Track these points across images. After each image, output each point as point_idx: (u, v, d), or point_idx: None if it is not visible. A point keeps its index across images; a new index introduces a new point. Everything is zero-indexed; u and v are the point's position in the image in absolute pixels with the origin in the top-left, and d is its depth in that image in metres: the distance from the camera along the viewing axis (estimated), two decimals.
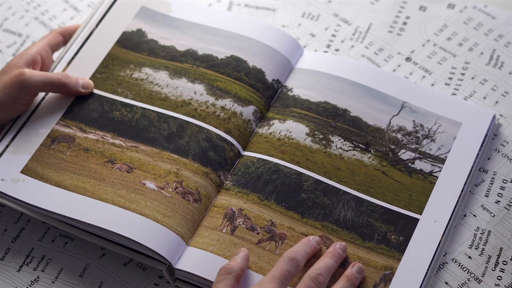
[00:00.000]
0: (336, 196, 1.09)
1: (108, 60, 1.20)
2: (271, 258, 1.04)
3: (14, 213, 1.12)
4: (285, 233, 1.06)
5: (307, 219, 1.07)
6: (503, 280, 1.06)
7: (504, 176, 1.13)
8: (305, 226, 1.07)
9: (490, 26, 1.26)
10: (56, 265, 1.08)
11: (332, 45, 1.26)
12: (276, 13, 1.30)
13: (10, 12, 1.31)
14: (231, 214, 1.08)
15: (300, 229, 1.07)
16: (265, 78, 1.19)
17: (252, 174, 1.11)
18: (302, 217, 1.08)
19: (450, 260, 1.07)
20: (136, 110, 1.15)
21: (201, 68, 1.20)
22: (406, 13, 1.28)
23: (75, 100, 1.16)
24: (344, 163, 1.12)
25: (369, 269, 1.04)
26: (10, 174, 1.09)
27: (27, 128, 1.13)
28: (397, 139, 1.14)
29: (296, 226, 1.07)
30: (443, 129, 1.14)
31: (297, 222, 1.07)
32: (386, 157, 1.13)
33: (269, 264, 1.04)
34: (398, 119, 1.15)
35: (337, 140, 1.14)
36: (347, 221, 1.07)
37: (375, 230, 1.07)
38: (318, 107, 1.16)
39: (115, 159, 1.11)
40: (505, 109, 1.19)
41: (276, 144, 1.13)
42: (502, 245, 1.08)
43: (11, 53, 1.27)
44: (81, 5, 1.32)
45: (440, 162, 1.12)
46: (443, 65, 1.24)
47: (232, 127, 1.14)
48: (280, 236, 1.06)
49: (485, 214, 1.10)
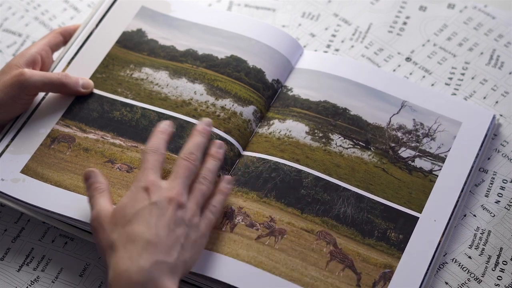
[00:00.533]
0: (336, 193, 1.09)
1: (108, 60, 1.20)
2: (271, 252, 1.04)
3: (14, 213, 1.12)
4: (284, 228, 1.06)
5: (306, 215, 1.07)
6: (503, 280, 1.06)
7: (504, 176, 1.13)
8: (304, 222, 1.07)
9: (490, 26, 1.26)
10: (56, 265, 1.08)
11: (332, 45, 1.27)
12: (276, 13, 1.30)
13: (10, 12, 1.31)
14: (230, 213, 1.08)
15: (299, 224, 1.07)
16: (265, 78, 1.19)
17: (251, 173, 1.11)
18: (302, 213, 1.08)
19: (450, 260, 1.07)
20: (136, 110, 1.15)
21: (201, 68, 1.20)
22: (406, 13, 1.28)
23: (75, 100, 1.16)
24: (344, 160, 1.12)
25: (369, 266, 1.04)
26: (10, 174, 1.09)
27: (27, 128, 1.13)
28: (397, 137, 1.14)
29: (296, 222, 1.07)
30: (443, 128, 1.14)
31: (296, 217, 1.07)
32: (386, 155, 1.13)
33: (269, 259, 1.04)
34: (398, 117, 1.15)
35: (337, 138, 1.14)
36: (347, 217, 1.08)
37: (375, 227, 1.07)
38: (318, 106, 1.16)
39: (115, 159, 1.11)
40: (505, 109, 1.19)
41: (276, 144, 1.13)
42: (502, 245, 1.08)
43: (11, 53, 1.27)
44: (81, 5, 1.32)
45: (440, 161, 1.12)
46: (443, 65, 1.24)
47: (232, 127, 1.14)
48: (280, 231, 1.06)
49: (485, 214, 1.10)
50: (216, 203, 1.04)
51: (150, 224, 0.97)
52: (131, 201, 0.99)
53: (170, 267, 0.96)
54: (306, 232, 1.06)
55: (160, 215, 0.98)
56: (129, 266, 0.94)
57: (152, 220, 0.97)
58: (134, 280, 0.93)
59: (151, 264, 0.94)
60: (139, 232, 0.96)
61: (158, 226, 0.97)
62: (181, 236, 0.98)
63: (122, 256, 0.95)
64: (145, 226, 0.97)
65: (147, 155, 1.03)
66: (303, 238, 1.06)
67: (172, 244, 0.97)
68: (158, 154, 1.04)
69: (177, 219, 0.98)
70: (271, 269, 1.03)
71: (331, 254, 1.05)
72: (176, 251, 0.97)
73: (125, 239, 0.96)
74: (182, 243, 0.98)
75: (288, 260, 1.04)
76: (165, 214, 0.98)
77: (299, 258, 1.05)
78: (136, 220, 0.97)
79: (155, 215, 0.98)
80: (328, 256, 1.05)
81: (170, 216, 0.98)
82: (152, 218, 0.97)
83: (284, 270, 1.03)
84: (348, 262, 1.04)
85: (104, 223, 0.99)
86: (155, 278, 0.94)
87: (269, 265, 1.04)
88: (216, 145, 1.08)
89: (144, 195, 0.99)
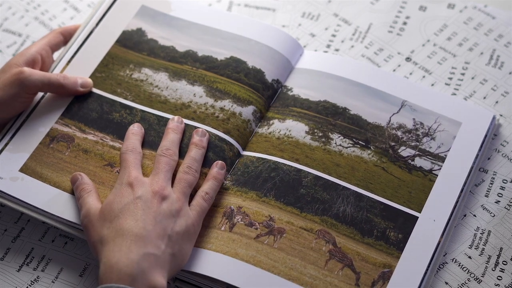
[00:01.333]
0: (335, 191, 1.09)
1: (108, 59, 1.20)
2: (270, 251, 1.04)
3: (14, 213, 1.12)
4: (284, 228, 1.06)
5: (306, 214, 1.07)
6: (503, 280, 1.06)
7: (504, 176, 1.13)
8: (304, 221, 1.07)
9: (490, 26, 1.26)
10: (56, 265, 1.08)
11: (332, 45, 1.27)
12: (276, 13, 1.30)
13: (10, 12, 1.31)
14: (229, 212, 1.08)
15: (299, 223, 1.07)
16: (264, 78, 1.19)
17: (251, 173, 1.11)
18: (301, 212, 1.08)
19: (450, 260, 1.07)
20: (136, 113, 1.15)
21: (201, 69, 1.20)
22: (406, 13, 1.28)
23: (75, 99, 1.16)
24: (343, 159, 1.12)
25: (368, 266, 1.04)
26: (9, 173, 1.10)
27: (26, 126, 1.13)
28: (397, 136, 1.14)
29: (295, 221, 1.07)
30: (443, 127, 1.14)
31: (296, 216, 1.07)
32: (386, 154, 1.13)
33: (268, 258, 1.04)
34: (398, 117, 1.15)
35: (337, 137, 1.14)
36: (346, 216, 1.07)
37: (374, 226, 1.07)
38: (318, 106, 1.16)
39: (115, 163, 1.11)
40: (505, 109, 1.19)
41: (276, 143, 1.13)
42: (502, 245, 1.08)
43: (11, 53, 1.27)
44: (81, 5, 1.32)
45: (440, 160, 1.12)
46: (443, 65, 1.24)
47: (231, 127, 1.14)
48: (279, 230, 1.06)
49: (485, 214, 1.10)
50: (208, 190, 1.07)
51: (137, 218, 1.00)
52: (117, 197, 1.03)
53: (158, 259, 0.98)
54: (305, 231, 1.06)
55: (146, 208, 1.01)
56: (119, 258, 0.97)
57: (138, 214, 1.00)
58: (124, 272, 0.96)
59: (140, 257, 0.97)
60: (127, 226, 0.99)
61: (145, 219, 1.00)
62: (168, 228, 1.01)
63: (112, 249, 0.98)
64: (132, 220, 1.00)
65: (125, 155, 1.08)
66: (302, 237, 1.06)
67: (160, 236, 0.99)
68: (136, 153, 1.09)
69: (162, 211, 1.01)
70: (270, 268, 1.03)
71: (330, 253, 1.05)
72: (164, 243, 0.99)
73: (114, 233, 0.99)
74: (169, 234, 1.00)
75: (287, 259, 1.04)
76: (151, 207, 1.01)
77: (298, 257, 1.04)
78: (123, 214, 1.01)
79: (141, 208, 1.01)
80: (327, 255, 1.05)
81: (155, 209, 1.01)
82: (138, 211, 1.01)
83: (283, 269, 1.03)
84: (347, 261, 1.04)
85: (93, 220, 1.02)
86: (145, 270, 0.96)
87: (268, 264, 1.03)
88: (199, 133, 1.11)
89: (129, 190, 1.03)
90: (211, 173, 1.09)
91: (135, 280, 0.96)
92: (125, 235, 0.99)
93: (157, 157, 1.08)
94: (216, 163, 1.10)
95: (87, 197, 1.06)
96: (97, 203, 1.05)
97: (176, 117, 1.13)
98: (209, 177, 1.09)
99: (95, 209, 1.04)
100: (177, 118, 1.13)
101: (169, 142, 1.10)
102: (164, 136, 1.11)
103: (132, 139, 1.10)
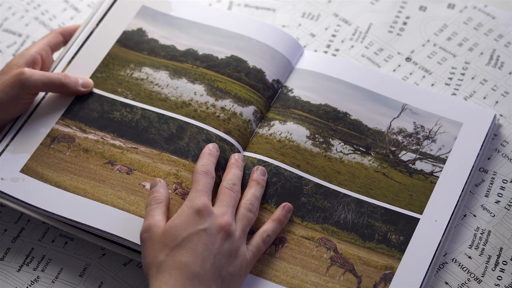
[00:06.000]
0: (336, 199, 1.09)
1: (109, 59, 1.19)
2: (271, 261, 1.04)
3: (14, 213, 1.12)
4: (285, 237, 1.06)
5: (307, 223, 1.07)
6: (503, 280, 1.06)
7: (504, 176, 1.13)
8: (305, 230, 1.07)
9: (490, 26, 1.26)
10: (56, 265, 1.08)
11: (332, 45, 1.26)
12: (276, 13, 1.30)
13: (10, 12, 1.31)
14: None
15: (300, 232, 1.07)
16: (265, 78, 1.19)
17: None
18: (302, 221, 1.08)
19: (450, 260, 1.07)
20: (136, 111, 1.15)
21: (201, 68, 1.19)
22: (406, 13, 1.28)
23: (75, 99, 1.16)
24: (344, 166, 1.12)
25: (369, 269, 1.04)
26: (10, 173, 1.09)
27: (27, 127, 1.13)
28: (398, 141, 1.14)
29: (296, 230, 1.07)
30: (444, 129, 1.14)
31: (297, 225, 1.07)
32: (387, 159, 1.13)
33: (269, 267, 1.04)
34: (398, 121, 1.15)
35: (337, 144, 1.14)
36: (347, 223, 1.07)
37: (376, 230, 1.07)
38: (319, 110, 1.16)
39: (115, 161, 1.11)
40: (505, 109, 1.19)
41: (277, 146, 1.13)
42: (502, 245, 1.08)
43: (11, 53, 1.27)
44: (81, 5, 1.32)
45: (441, 162, 1.12)
46: (443, 65, 1.24)
47: (232, 127, 1.14)
48: (280, 240, 1.06)
49: (485, 214, 1.10)
50: (271, 232, 1.05)
51: (197, 254, 0.98)
52: (183, 223, 1.00)
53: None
54: (307, 239, 1.06)
55: (208, 244, 0.99)
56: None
57: (199, 249, 0.98)
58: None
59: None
60: (185, 260, 0.97)
61: (205, 257, 0.98)
62: (223, 268, 0.99)
63: (167, 281, 0.96)
64: (192, 256, 0.98)
65: (199, 176, 1.05)
66: (303, 246, 1.06)
67: (214, 278, 0.98)
68: (210, 177, 1.06)
69: (223, 251, 0.99)
70: (271, 277, 1.03)
71: (331, 259, 1.05)
72: (215, 285, 0.98)
73: (172, 264, 0.97)
74: (223, 275, 0.99)
75: (289, 268, 1.04)
76: (214, 243, 0.99)
77: (300, 265, 1.05)
78: (185, 245, 0.98)
79: (204, 243, 0.98)
80: (328, 262, 1.05)
81: (218, 247, 0.99)
82: (200, 246, 0.98)
83: (285, 278, 1.03)
84: (349, 266, 1.04)
85: (153, 239, 1.00)
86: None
87: (270, 273, 1.04)
88: (260, 171, 1.10)
89: (196, 219, 1.00)
90: (276, 214, 1.07)
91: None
92: (182, 270, 0.96)
93: (223, 189, 1.05)
94: (284, 205, 1.08)
95: (155, 209, 1.03)
96: (162, 219, 1.02)
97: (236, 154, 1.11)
98: (273, 217, 1.07)
99: (158, 226, 1.01)
100: (238, 154, 1.11)
101: (235, 176, 1.07)
102: (228, 169, 1.08)
103: (207, 160, 1.08)
